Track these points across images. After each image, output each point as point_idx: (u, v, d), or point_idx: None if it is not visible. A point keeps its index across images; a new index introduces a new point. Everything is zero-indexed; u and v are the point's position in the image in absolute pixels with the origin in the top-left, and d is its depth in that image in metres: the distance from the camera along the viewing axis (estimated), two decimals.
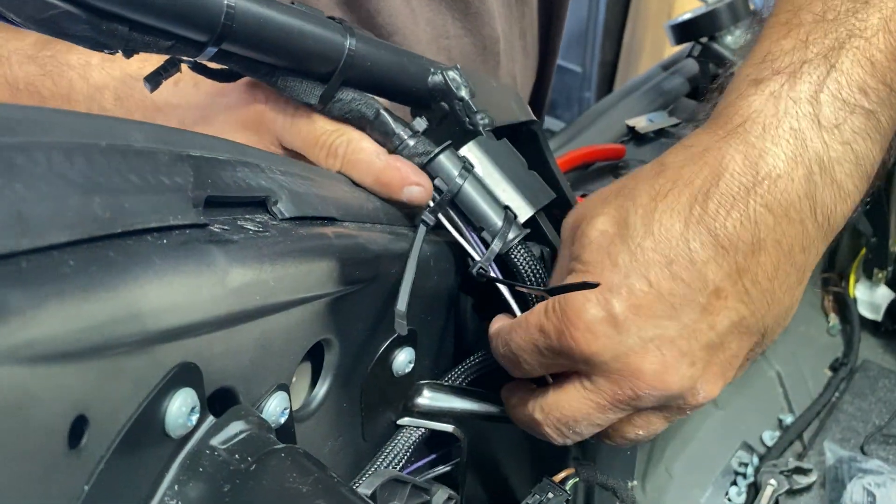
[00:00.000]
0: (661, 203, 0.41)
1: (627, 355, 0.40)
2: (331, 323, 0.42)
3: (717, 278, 0.40)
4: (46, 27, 0.39)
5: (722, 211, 0.40)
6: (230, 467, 0.32)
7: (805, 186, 0.40)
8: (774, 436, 1.10)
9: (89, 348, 0.26)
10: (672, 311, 0.40)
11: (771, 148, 0.40)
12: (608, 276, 0.41)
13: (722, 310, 0.40)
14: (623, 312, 0.40)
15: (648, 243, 0.40)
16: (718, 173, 0.40)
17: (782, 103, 0.40)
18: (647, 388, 0.41)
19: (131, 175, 0.30)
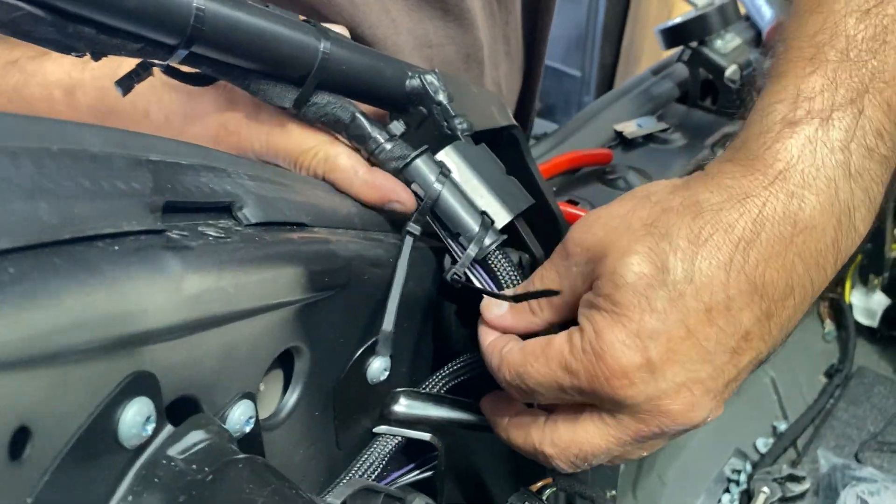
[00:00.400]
0: (701, 249, 0.40)
1: (660, 398, 0.41)
2: (300, 330, 0.41)
3: (749, 323, 0.41)
4: (10, 29, 0.38)
5: (762, 263, 0.40)
6: (187, 478, 0.31)
7: (833, 235, 0.40)
8: (768, 442, 1.09)
9: (30, 358, 0.25)
10: (706, 356, 0.41)
11: (810, 198, 0.40)
12: (647, 320, 0.40)
13: (747, 350, 0.41)
14: (660, 358, 0.40)
15: (689, 290, 0.40)
16: (760, 222, 0.40)
17: (818, 152, 0.40)
18: (673, 426, 0.42)
19: (83, 180, 0.29)
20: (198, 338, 0.33)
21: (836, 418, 1.11)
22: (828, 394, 1.15)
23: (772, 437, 1.11)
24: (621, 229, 0.43)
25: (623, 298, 0.41)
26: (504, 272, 0.50)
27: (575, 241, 0.45)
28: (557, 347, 0.43)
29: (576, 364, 0.42)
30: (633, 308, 0.41)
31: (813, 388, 1.21)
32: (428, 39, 0.72)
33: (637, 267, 0.41)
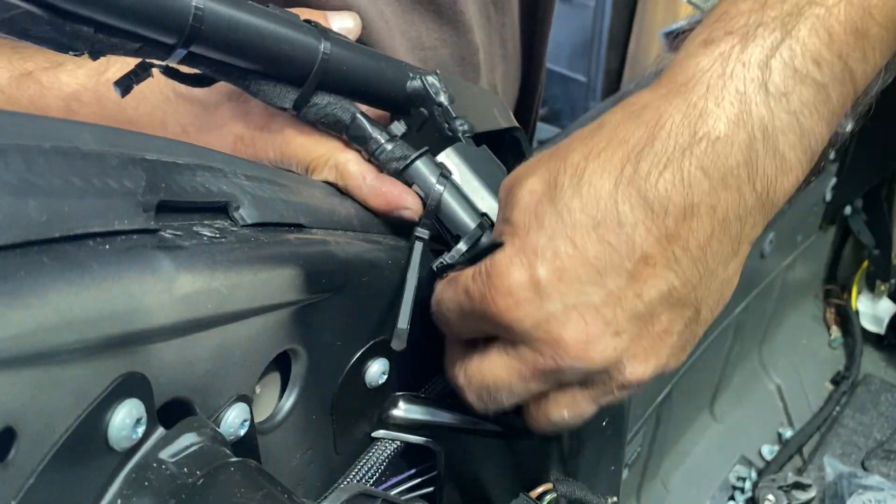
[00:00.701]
0: (592, 162, 0.38)
1: (549, 322, 0.38)
2: (297, 332, 0.41)
3: (645, 244, 0.38)
4: (7, 28, 0.38)
5: (654, 171, 0.37)
6: (177, 481, 0.31)
7: (745, 153, 0.38)
8: (773, 450, 1.09)
9: (16, 357, 0.25)
10: (597, 277, 0.38)
11: (713, 109, 0.37)
12: (534, 237, 0.39)
13: (650, 278, 0.38)
14: (546, 277, 0.38)
15: (576, 204, 0.38)
16: (654, 132, 0.38)
17: (730, 65, 0.38)
18: (569, 359, 0.39)
19: (74, 177, 0.29)
20: (191, 339, 0.33)
21: (843, 426, 1.11)
22: (834, 401, 1.14)
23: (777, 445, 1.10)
24: (532, 161, 0.42)
25: (516, 218, 0.40)
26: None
27: (500, 186, 0.44)
28: (466, 273, 0.42)
29: (472, 286, 0.41)
30: (522, 226, 0.39)
31: (819, 395, 1.20)
32: (421, 42, 0.71)
33: (530, 185, 0.40)
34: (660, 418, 0.96)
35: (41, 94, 0.58)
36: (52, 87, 0.57)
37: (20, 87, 0.58)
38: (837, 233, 1.32)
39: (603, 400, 0.43)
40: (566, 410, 0.43)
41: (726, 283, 0.41)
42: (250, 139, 0.52)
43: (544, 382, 0.42)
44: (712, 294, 0.41)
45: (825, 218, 1.24)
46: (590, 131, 0.40)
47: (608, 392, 0.42)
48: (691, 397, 1.04)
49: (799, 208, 1.09)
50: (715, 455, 1.06)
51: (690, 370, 0.98)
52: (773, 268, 1.12)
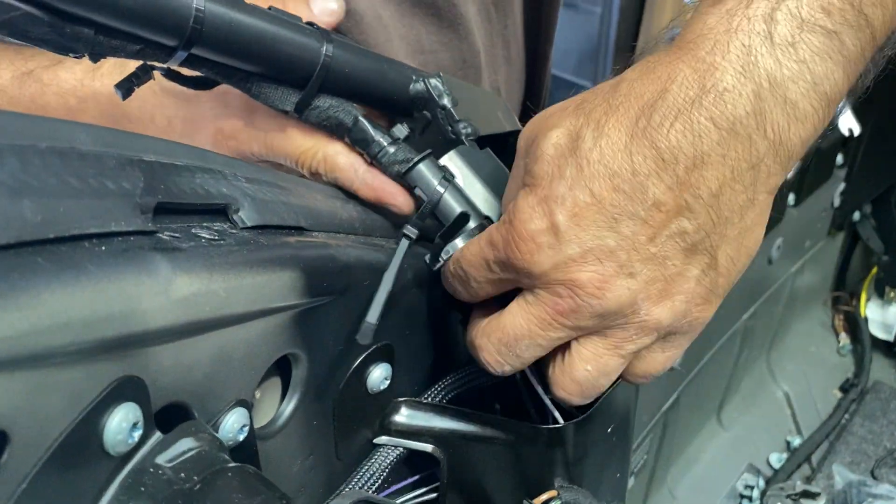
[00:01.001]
0: (611, 117, 0.41)
1: (567, 264, 0.41)
2: (297, 336, 0.40)
3: (657, 191, 0.40)
4: (7, 29, 0.38)
5: (665, 123, 0.39)
6: (174, 487, 0.30)
7: (753, 102, 0.39)
8: (782, 458, 1.08)
9: (9, 359, 0.24)
10: (612, 222, 0.40)
11: (720, 62, 0.39)
12: (555, 187, 0.41)
13: (662, 223, 0.40)
14: (564, 222, 0.40)
15: (595, 156, 0.40)
16: (666, 86, 0.40)
17: (735, 20, 0.40)
18: (586, 297, 0.41)
19: (71, 178, 0.28)
20: (188, 342, 0.33)
21: (852, 434, 1.09)
22: (843, 409, 1.13)
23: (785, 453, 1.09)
24: (555, 112, 0.44)
25: (539, 169, 0.42)
26: None
27: (521, 135, 0.46)
28: (490, 228, 0.45)
29: (496, 235, 0.43)
30: (545, 177, 0.41)
31: (827, 402, 1.19)
32: (421, 45, 0.71)
33: (555, 139, 0.42)
34: (666, 425, 0.95)
35: (41, 91, 0.58)
36: (52, 84, 0.58)
37: (22, 87, 0.58)
38: (846, 239, 1.31)
39: (624, 349, 0.44)
40: (590, 364, 0.44)
41: (746, 233, 0.42)
42: (231, 132, 0.52)
43: (563, 328, 0.43)
44: (729, 242, 0.42)
45: (833, 223, 1.23)
46: (610, 87, 0.42)
47: (627, 338, 0.43)
48: (698, 404, 1.04)
49: (807, 214, 1.09)
50: (722, 463, 1.05)
51: (697, 377, 0.97)
52: (780, 274, 1.11)
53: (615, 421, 0.58)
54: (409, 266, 0.48)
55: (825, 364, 1.24)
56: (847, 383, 1.20)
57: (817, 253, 1.22)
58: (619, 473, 0.61)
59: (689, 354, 0.91)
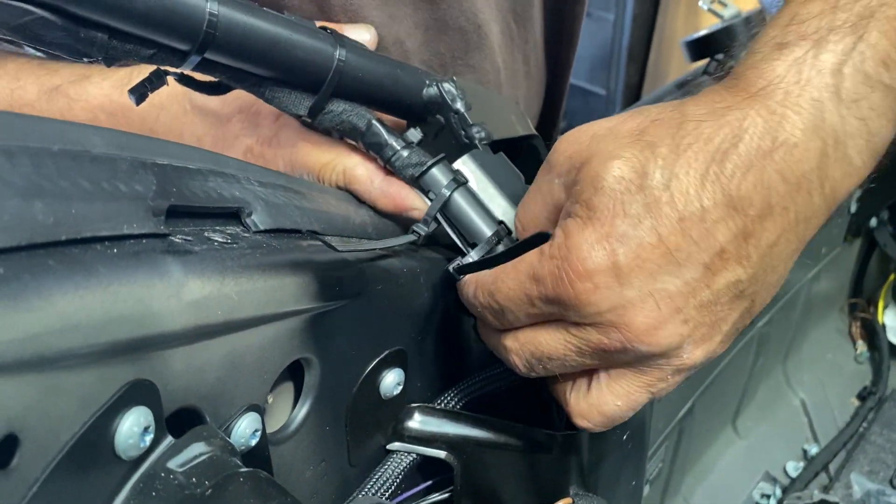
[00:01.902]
0: (681, 158, 0.39)
1: (625, 307, 0.40)
2: (310, 341, 0.40)
3: (724, 239, 0.39)
4: (21, 34, 0.38)
5: (738, 173, 0.39)
6: (185, 491, 0.30)
7: (818, 158, 0.39)
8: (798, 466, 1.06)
9: (19, 361, 0.24)
10: (676, 267, 0.39)
11: (791, 116, 0.39)
12: (618, 224, 0.39)
13: (722, 270, 0.40)
14: (628, 264, 0.39)
15: (665, 197, 0.39)
16: (738, 135, 0.39)
17: (805, 72, 0.39)
18: (637, 342, 0.40)
19: (83, 180, 0.28)
20: (200, 346, 0.32)
21: (870, 442, 1.08)
22: (860, 417, 1.12)
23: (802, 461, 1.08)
24: (609, 137, 0.42)
25: (599, 202, 0.40)
26: None
27: (559, 151, 0.44)
28: (528, 259, 0.42)
29: (542, 270, 0.41)
30: (606, 211, 0.40)
31: (845, 410, 1.17)
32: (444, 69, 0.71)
33: (618, 171, 0.40)
34: (682, 433, 0.94)
35: (69, 106, 0.59)
36: (80, 99, 0.58)
37: (50, 102, 0.59)
38: (863, 245, 1.30)
39: (656, 388, 0.43)
40: (621, 400, 0.44)
41: (780, 279, 0.43)
42: (259, 151, 0.53)
43: (601, 360, 0.42)
44: (767, 288, 0.42)
45: (850, 230, 1.22)
46: (674, 122, 0.41)
47: (663, 377, 0.43)
48: (714, 412, 1.03)
49: None
50: (738, 471, 1.04)
51: (713, 384, 0.97)
52: (796, 281, 1.10)
53: (630, 428, 0.57)
54: (421, 271, 0.48)
55: (842, 372, 1.23)
56: (865, 391, 1.19)
57: (834, 259, 1.21)
58: (634, 481, 0.61)
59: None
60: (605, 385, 0.44)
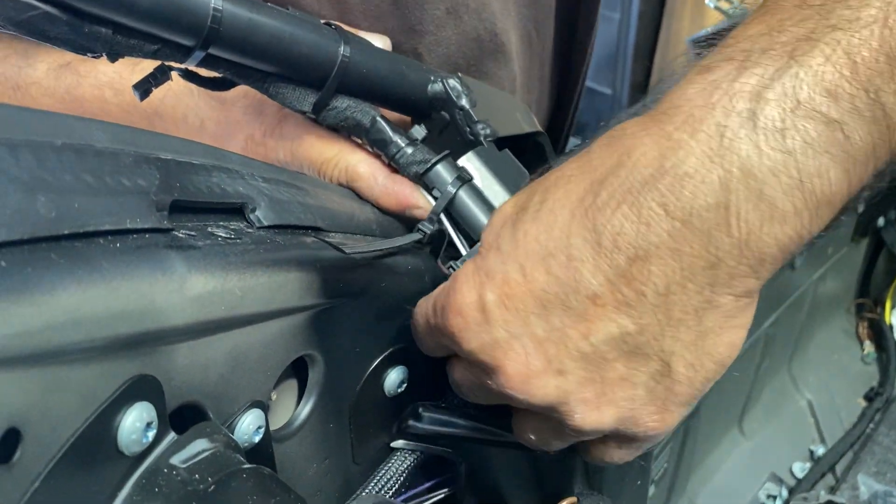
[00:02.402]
0: (560, 189, 0.36)
1: (493, 348, 0.37)
2: (314, 338, 0.40)
3: (595, 282, 0.35)
4: (26, 29, 0.38)
5: (612, 203, 0.34)
6: (188, 487, 0.30)
7: (719, 193, 0.33)
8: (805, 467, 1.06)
9: (21, 356, 0.24)
10: (541, 310, 0.36)
11: (686, 141, 0.33)
12: (490, 260, 0.38)
13: (598, 319, 0.35)
14: (493, 301, 0.37)
15: (532, 230, 0.36)
16: (621, 161, 0.35)
17: (717, 94, 0.33)
18: (511, 389, 0.38)
19: (86, 175, 0.28)
20: (203, 342, 0.32)
21: (877, 443, 1.07)
22: (867, 418, 1.12)
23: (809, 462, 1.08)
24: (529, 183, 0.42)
25: (485, 239, 0.39)
26: None
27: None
28: (441, 287, 0.42)
29: (438, 300, 0.40)
30: (486, 247, 0.39)
31: (851, 411, 1.17)
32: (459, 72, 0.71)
33: (505, 208, 0.39)
34: (687, 434, 0.94)
35: (77, 83, 0.58)
36: (89, 75, 0.58)
37: (58, 78, 0.59)
38: (870, 245, 1.29)
39: (564, 436, 0.40)
40: (532, 434, 0.42)
41: (708, 337, 0.36)
42: (261, 138, 0.52)
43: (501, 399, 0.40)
44: (687, 348, 0.36)
45: (857, 230, 1.21)
46: (573, 157, 0.38)
47: (565, 432, 0.39)
48: (720, 413, 1.02)
49: None
50: (744, 472, 1.04)
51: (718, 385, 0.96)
52: (803, 281, 1.10)
53: None
54: (425, 268, 0.48)
55: (849, 372, 1.22)
56: (872, 392, 1.18)
57: (840, 259, 1.20)
58: (639, 481, 0.60)
59: None
60: (518, 417, 0.43)
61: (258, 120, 0.52)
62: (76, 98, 0.58)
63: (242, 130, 0.53)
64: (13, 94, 0.60)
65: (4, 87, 0.60)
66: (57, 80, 0.59)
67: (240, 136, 0.53)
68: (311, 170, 0.51)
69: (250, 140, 0.52)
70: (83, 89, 0.58)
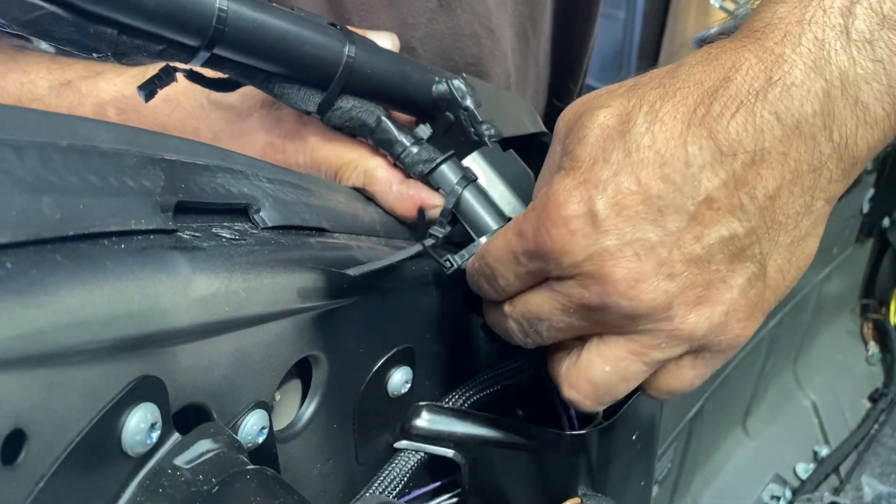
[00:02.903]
0: (667, 102, 0.38)
1: (602, 257, 0.38)
2: (318, 338, 0.40)
3: (711, 186, 0.37)
4: (31, 29, 0.38)
5: (727, 113, 0.37)
6: (192, 488, 0.30)
7: (822, 101, 0.36)
8: (809, 468, 1.06)
9: (26, 357, 0.24)
10: (657, 216, 0.37)
11: (789, 55, 0.36)
12: (597, 171, 0.38)
13: (712, 221, 0.37)
14: (604, 211, 0.37)
15: (646, 141, 0.37)
16: (729, 75, 0.37)
17: (810, 11, 0.37)
18: (616, 296, 0.38)
19: (91, 176, 0.28)
20: (208, 343, 0.32)
21: (881, 444, 1.07)
22: (872, 419, 1.11)
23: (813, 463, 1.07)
24: (603, 94, 0.41)
25: (581, 151, 0.39)
26: None
27: (560, 119, 0.43)
28: (515, 218, 0.41)
29: (525, 223, 0.40)
30: (587, 159, 0.38)
31: (856, 412, 1.16)
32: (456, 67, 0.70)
33: (602, 119, 0.39)
34: (691, 434, 0.94)
35: (79, 102, 0.58)
36: (90, 94, 0.58)
37: (59, 97, 0.59)
38: (875, 246, 1.29)
39: (650, 357, 0.41)
40: (609, 365, 0.41)
41: (800, 243, 0.39)
42: (280, 145, 0.52)
43: (586, 320, 0.40)
44: (781, 251, 0.39)
45: (862, 230, 1.21)
46: (667, 72, 0.40)
47: (655, 345, 0.40)
48: (724, 413, 1.02)
49: (835, 220, 1.07)
50: (748, 473, 1.03)
51: (723, 385, 0.96)
52: (807, 281, 1.10)
53: (640, 428, 0.57)
54: (430, 269, 0.48)
55: (853, 373, 1.22)
56: (876, 393, 1.18)
57: (845, 260, 1.20)
58: (643, 482, 0.60)
59: None
60: (595, 348, 0.41)
61: (277, 126, 0.52)
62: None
63: (261, 138, 0.53)
64: None
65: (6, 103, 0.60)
66: (59, 98, 0.59)
67: (258, 143, 0.53)
68: (329, 173, 0.51)
69: (269, 146, 0.53)
70: (85, 108, 0.58)
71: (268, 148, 0.53)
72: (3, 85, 0.60)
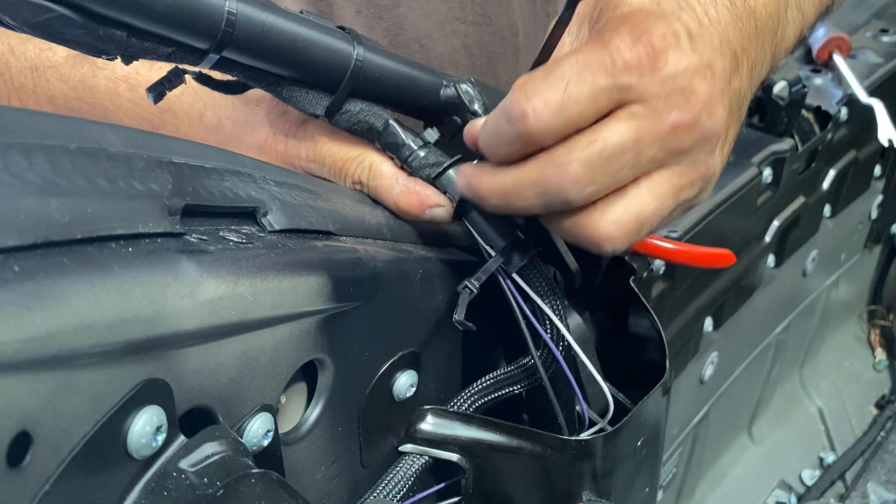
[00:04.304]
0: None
1: (694, 71, 0.40)
2: (324, 342, 0.40)
3: (735, 42, 0.43)
4: (42, 31, 0.38)
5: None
6: (197, 492, 0.30)
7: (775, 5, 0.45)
8: (815, 475, 1.05)
9: (33, 360, 0.24)
10: (717, 49, 0.42)
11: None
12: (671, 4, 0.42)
13: (735, 72, 0.43)
14: (697, 30, 0.41)
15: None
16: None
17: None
18: (703, 112, 0.40)
19: (99, 179, 0.28)
20: (214, 346, 0.32)
21: (888, 452, 1.07)
22: (878, 426, 1.11)
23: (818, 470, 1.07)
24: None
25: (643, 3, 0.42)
26: (538, 285, 0.48)
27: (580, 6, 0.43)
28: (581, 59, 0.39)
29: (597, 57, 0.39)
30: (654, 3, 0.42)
31: (862, 419, 1.16)
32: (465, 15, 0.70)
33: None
34: (696, 439, 0.94)
35: (93, 73, 0.58)
36: (106, 67, 0.58)
37: (75, 66, 0.59)
38: (883, 252, 1.28)
39: (682, 196, 0.43)
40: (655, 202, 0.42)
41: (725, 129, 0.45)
42: (283, 137, 0.52)
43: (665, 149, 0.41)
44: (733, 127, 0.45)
45: (870, 236, 1.20)
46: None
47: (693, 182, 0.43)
48: (729, 418, 1.02)
49: (843, 226, 1.06)
50: (753, 479, 1.03)
51: (728, 390, 0.96)
52: (815, 287, 1.09)
53: (645, 434, 0.57)
54: (436, 273, 0.48)
55: (860, 379, 1.22)
56: (883, 400, 1.17)
57: (853, 266, 1.19)
58: (648, 488, 0.60)
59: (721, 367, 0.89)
60: (646, 185, 0.41)
61: (282, 119, 0.52)
62: (89, 88, 0.58)
63: (263, 129, 0.53)
64: (30, 75, 0.60)
65: (23, 67, 0.60)
66: (73, 67, 0.59)
67: (260, 133, 0.53)
68: (333, 168, 0.50)
69: (270, 137, 0.52)
70: (98, 80, 0.58)
71: (270, 138, 0.52)
72: (23, 50, 0.60)
